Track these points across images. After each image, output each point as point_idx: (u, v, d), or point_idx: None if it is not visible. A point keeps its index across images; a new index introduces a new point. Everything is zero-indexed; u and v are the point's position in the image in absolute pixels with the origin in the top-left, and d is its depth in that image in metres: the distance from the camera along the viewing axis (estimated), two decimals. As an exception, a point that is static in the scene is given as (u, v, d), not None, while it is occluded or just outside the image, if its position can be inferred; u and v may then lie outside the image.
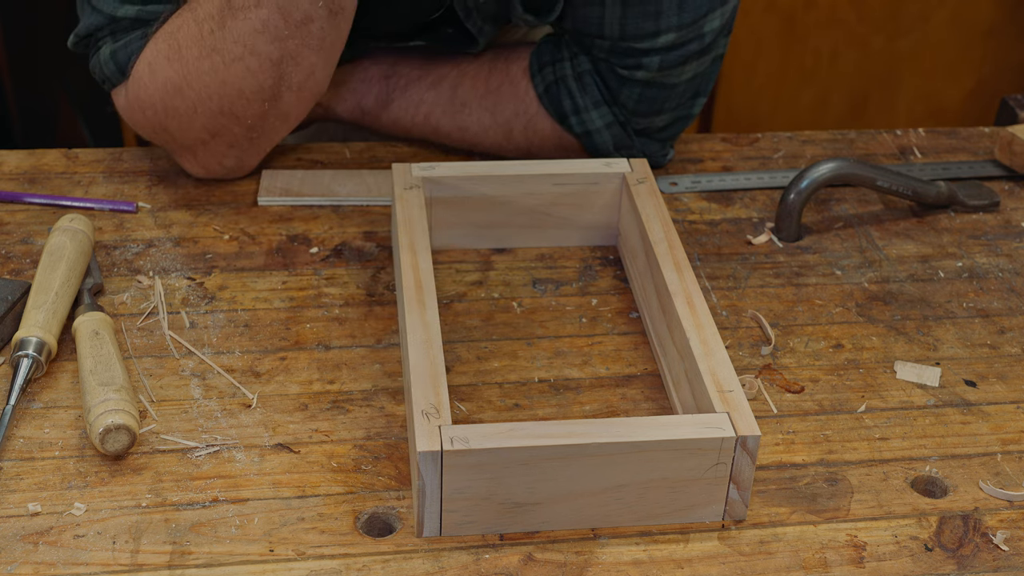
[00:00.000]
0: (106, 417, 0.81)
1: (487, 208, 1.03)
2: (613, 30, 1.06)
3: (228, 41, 0.98)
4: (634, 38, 1.06)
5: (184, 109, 1.02)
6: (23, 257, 1.01)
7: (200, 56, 0.99)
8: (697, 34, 1.06)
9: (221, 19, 0.98)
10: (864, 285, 1.04)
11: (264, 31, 0.97)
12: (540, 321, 0.98)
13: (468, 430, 0.76)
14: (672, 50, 1.06)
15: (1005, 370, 0.95)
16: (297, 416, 0.87)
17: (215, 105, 1.01)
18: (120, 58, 1.05)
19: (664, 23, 1.05)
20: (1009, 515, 0.82)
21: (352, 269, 1.02)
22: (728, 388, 0.81)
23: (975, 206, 1.14)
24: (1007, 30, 2.31)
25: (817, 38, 2.26)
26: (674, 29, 1.05)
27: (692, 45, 1.07)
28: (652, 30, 1.05)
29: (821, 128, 2.22)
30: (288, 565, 0.76)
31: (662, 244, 0.94)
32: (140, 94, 1.04)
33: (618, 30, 1.06)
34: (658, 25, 1.05)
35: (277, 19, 0.97)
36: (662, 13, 1.04)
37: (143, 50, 1.03)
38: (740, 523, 0.81)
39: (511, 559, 0.77)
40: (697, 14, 1.05)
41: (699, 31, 1.06)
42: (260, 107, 1.02)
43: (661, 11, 1.04)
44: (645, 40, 1.06)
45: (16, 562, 0.75)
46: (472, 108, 1.15)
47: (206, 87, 1.00)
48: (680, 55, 1.07)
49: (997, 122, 1.30)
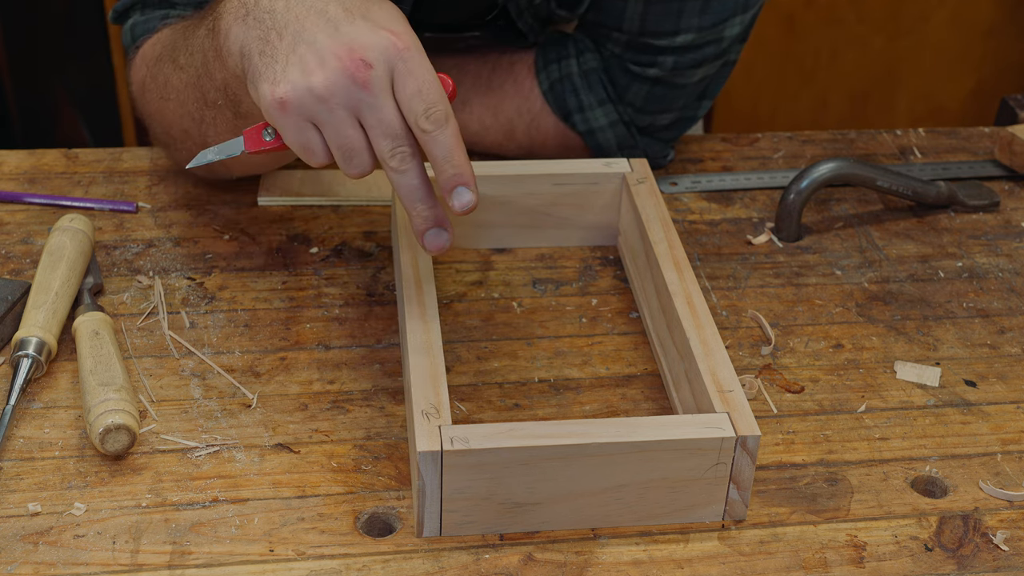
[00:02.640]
0: (106, 417, 0.81)
1: (487, 208, 1.03)
2: (633, 24, 1.06)
3: (173, 81, 0.97)
4: (653, 34, 1.06)
5: (153, 109, 1.02)
6: (23, 257, 1.01)
7: (166, 74, 0.99)
8: (715, 38, 1.06)
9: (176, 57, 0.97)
10: (864, 285, 1.04)
11: (187, 89, 0.95)
12: (540, 321, 0.98)
13: (468, 430, 0.76)
14: (688, 51, 1.06)
15: (1005, 370, 0.95)
16: (297, 416, 0.87)
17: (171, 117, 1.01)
18: (137, 32, 1.05)
19: (684, 23, 1.05)
20: (1009, 515, 0.82)
21: (352, 269, 1.02)
22: (728, 388, 0.81)
23: (975, 206, 1.14)
24: (1007, 30, 2.31)
25: (817, 38, 2.26)
26: (694, 30, 1.05)
27: (709, 49, 1.07)
28: (672, 28, 1.05)
29: (821, 128, 2.22)
30: (288, 565, 0.76)
31: (662, 244, 0.94)
32: (133, 74, 1.04)
33: (638, 24, 1.06)
34: (678, 24, 1.05)
35: (195, 91, 0.94)
36: (684, 13, 1.04)
37: (152, 34, 1.03)
38: (740, 523, 0.81)
39: (511, 559, 0.77)
40: (718, 18, 1.05)
41: (718, 35, 1.06)
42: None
43: (683, 11, 1.04)
44: (663, 38, 1.06)
45: (16, 562, 0.75)
46: (473, 106, 1.15)
47: (166, 99, 1.00)
48: (695, 57, 1.07)
49: (997, 122, 1.30)
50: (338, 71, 0.77)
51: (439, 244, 0.82)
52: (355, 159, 0.80)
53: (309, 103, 0.78)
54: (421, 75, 0.78)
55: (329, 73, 0.77)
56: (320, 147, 0.80)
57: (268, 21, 0.80)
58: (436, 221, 0.81)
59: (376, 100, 0.77)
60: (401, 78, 0.78)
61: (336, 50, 0.77)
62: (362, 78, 0.77)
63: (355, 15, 0.79)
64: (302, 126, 0.79)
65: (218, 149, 0.84)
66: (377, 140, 0.79)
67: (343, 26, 0.78)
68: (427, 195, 0.81)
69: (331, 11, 0.79)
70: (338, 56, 0.77)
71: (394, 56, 0.77)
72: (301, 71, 0.78)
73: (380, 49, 0.77)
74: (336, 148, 0.79)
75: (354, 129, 0.79)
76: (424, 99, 0.77)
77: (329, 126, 0.79)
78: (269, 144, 0.83)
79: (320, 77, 0.77)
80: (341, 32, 0.78)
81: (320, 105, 0.78)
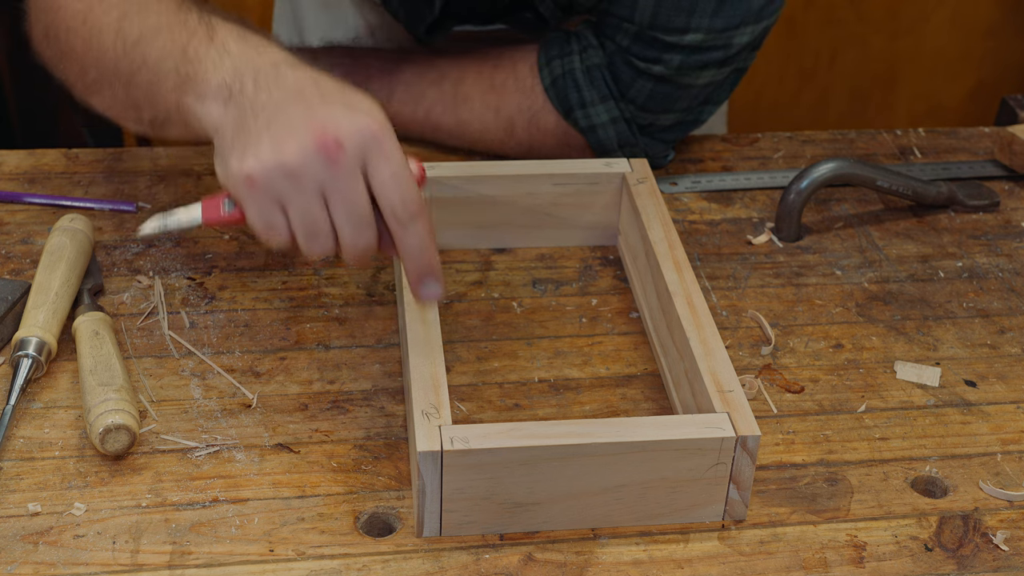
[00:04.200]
0: (106, 417, 0.81)
1: (487, 208, 1.03)
2: (644, 16, 1.06)
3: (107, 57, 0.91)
4: (662, 29, 1.06)
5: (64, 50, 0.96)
6: (23, 257, 1.01)
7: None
8: (724, 43, 1.06)
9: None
10: (864, 285, 1.04)
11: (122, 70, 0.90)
12: (540, 321, 0.98)
13: (468, 430, 0.76)
14: (695, 52, 1.06)
15: (1005, 370, 0.95)
16: (297, 416, 0.87)
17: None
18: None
19: (695, 22, 1.04)
20: (1009, 515, 0.82)
21: (352, 269, 1.02)
22: (728, 388, 0.81)
23: (975, 206, 1.14)
24: (1007, 30, 2.31)
25: (817, 38, 2.26)
26: (703, 30, 1.05)
27: (716, 53, 1.07)
28: (682, 25, 1.05)
29: (821, 128, 2.22)
30: (288, 565, 0.76)
31: (662, 244, 0.94)
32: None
33: (649, 17, 1.06)
34: (689, 22, 1.05)
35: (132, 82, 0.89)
36: (696, 11, 1.04)
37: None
38: (740, 523, 0.81)
39: (511, 559, 0.77)
40: (729, 23, 1.05)
41: (727, 40, 1.06)
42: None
43: (695, 9, 1.04)
44: (673, 34, 1.06)
45: (16, 562, 0.75)
46: (474, 104, 1.15)
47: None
48: (701, 59, 1.07)
49: (997, 122, 1.30)
50: (310, 148, 0.75)
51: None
52: (319, 240, 0.78)
53: (277, 179, 0.76)
54: (396, 161, 0.76)
55: (300, 149, 0.75)
56: (283, 227, 0.78)
57: (248, 107, 0.79)
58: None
59: (346, 181, 0.76)
60: (375, 163, 0.76)
61: (310, 128, 0.76)
62: (334, 157, 0.75)
63: (333, 99, 0.78)
64: (268, 205, 0.77)
65: (171, 219, 0.82)
66: (342, 222, 0.77)
67: (319, 108, 0.77)
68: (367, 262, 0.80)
69: (308, 94, 0.78)
70: (311, 134, 0.76)
71: (369, 139, 0.76)
72: (272, 147, 0.76)
73: (354, 131, 0.76)
74: (300, 227, 0.77)
75: (320, 209, 0.77)
76: (399, 187, 0.76)
77: (295, 205, 0.77)
78: (228, 217, 0.81)
79: (291, 153, 0.76)
80: (316, 113, 0.77)
81: (288, 181, 0.76)
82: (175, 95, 0.84)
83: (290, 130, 0.76)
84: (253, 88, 0.79)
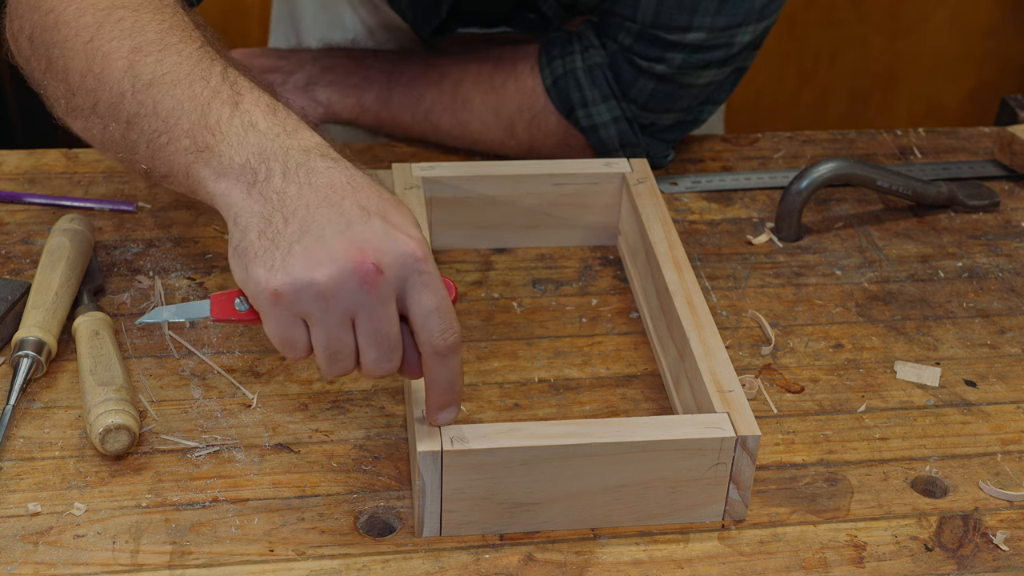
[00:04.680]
0: (106, 417, 0.81)
1: (487, 208, 1.03)
2: (647, 14, 1.06)
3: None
4: (665, 28, 1.06)
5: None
6: (23, 257, 1.01)
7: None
8: (726, 42, 1.06)
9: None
10: (864, 285, 1.04)
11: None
12: (540, 321, 0.98)
13: (468, 430, 0.76)
14: (697, 51, 1.06)
15: (1005, 370, 0.95)
16: (297, 416, 0.87)
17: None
18: None
19: (697, 21, 1.04)
20: (1009, 515, 0.82)
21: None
22: (728, 388, 0.81)
23: (975, 206, 1.14)
24: (1007, 30, 2.31)
25: (817, 38, 2.26)
26: (706, 29, 1.05)
27: (718, 52, 1.07)
28: (684, 24, 1.05)
29: (821, 128, 2.22)
30: (288, 565, 0.76)
31: (662, 244, 0.94)
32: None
33: (651, 16, 1.05)
34: (691, 21, 1.04)
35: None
36: (698, 10, 1.04)
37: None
38: (740, 523, 0.81)
39: (511, 559, 0.77)
40: (731, 22, 1.05)
41: (729, 39, 1.06)
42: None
43: (698, 8, 1.04)
44: (675, 33, 1.05)
45: (16, 562, 0.75)
46: (474, 104, 1.15)
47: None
48: (703, 58, 1.07)
49: (997, 122, 1.30)
50: (346, 271, 0.70)
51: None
52: (341, 362, 0.73)
53: (306, 299, 0.71)
54: (439, 291, 0.72)
55: (337, 272, 0.70)
56: (304, 344, 0.73)
57: (276, 201, 0.72)
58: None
59: (379, 308, 0.71)
60: (417, 292, 0.72)
61: (346, 249, 0.70)
62: (371, 282, 0.70)
63: (371, 214, 0.72)
64: (290, 321, 0.72)
65: (177, 309, 0.78)
66: (367, 348, 0.73)
67: (357, 224, 0.71)
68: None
69: (346, 206, 0.72)
70: (348, 255, 0.70)
71: (410, 266, 0.71)
72: (304, 264, 0.70)
73: (395, 255, 0.71)
74: (322, 348, 0.73)
75: (347, 333, 0.72)
76: (442, 321, 0.72)
77: (321, 326, 0.72)
78: (239, 316, 0.76)
79: (325, 274, 0.70)
80: (354, 230, 0.71)
81: (318, 303, 0.71)
82: (186, 160, 0.76)
83: (325, 247, 0.71)
84: (282, 180, 0.73)
